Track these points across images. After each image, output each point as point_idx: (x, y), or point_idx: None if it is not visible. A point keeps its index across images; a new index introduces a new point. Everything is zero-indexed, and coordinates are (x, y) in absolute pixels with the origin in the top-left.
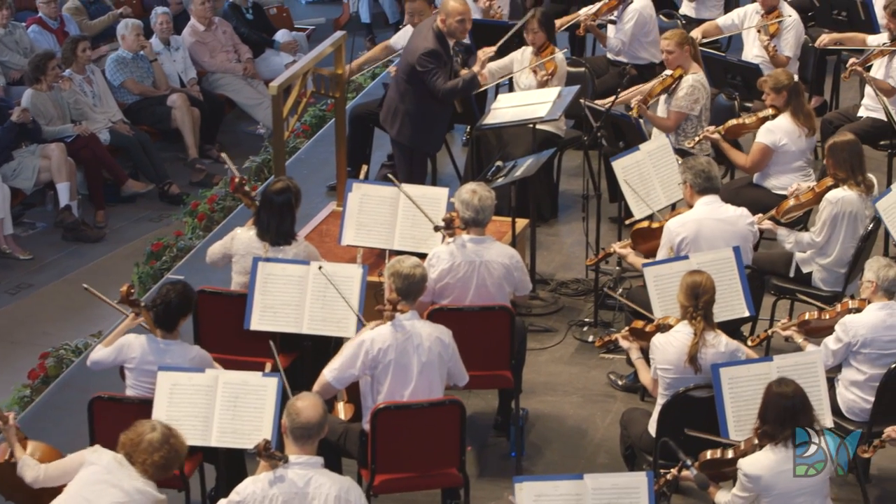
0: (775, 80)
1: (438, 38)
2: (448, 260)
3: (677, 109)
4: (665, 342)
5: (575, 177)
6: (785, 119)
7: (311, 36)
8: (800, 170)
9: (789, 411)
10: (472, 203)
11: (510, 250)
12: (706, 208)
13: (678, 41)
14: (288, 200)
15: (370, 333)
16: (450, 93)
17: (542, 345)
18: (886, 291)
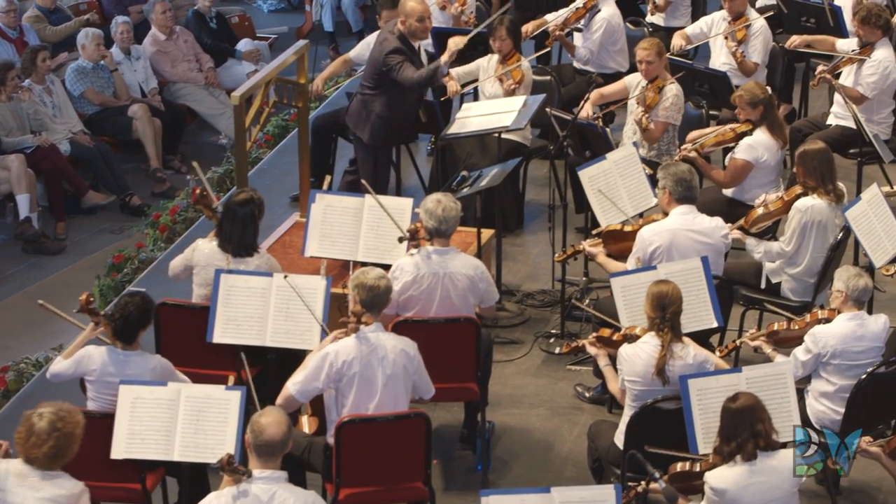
0: (751, 94)
1: (401, 40)
2: (412, 272)
3: (664, 120)
4: (632, 353)
5: (541, 187)
6: (763, 134)
7: (273, 45)
8: (773, 182)
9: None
10: (437, 213)
11: (475, 261)
12: (682, 218)
13: (657, 51)
14: (251, 212)
15: (334, 346)
16: (418, 82)
17: (509, 357)
18: (856, 301)
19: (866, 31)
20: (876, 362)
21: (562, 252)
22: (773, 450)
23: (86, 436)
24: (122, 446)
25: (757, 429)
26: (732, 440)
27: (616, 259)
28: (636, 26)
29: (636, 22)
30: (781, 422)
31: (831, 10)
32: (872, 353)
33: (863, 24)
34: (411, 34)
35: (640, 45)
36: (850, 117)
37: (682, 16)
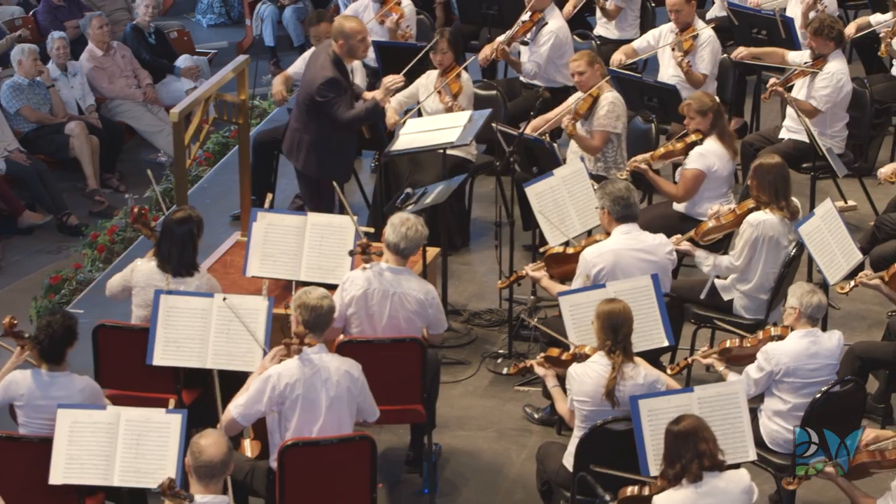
0: (700, 102)
1: (336, 65)
2: (363, 286)
3: (601, 129)
4: (582, 373)
5: (487, 203)
6: (714, 143)
7: (213, 60)
8: (725, 195)
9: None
10: (401, 230)
11: (428, 286)
12: (624, 238)
13: (588, 61)
14: (190, 230)
15: (277, 368)
16: (352, 121)
17: (455, 378)
18: (810, 318)
19: (819, 42)
20: (830, 380)
21: (504, 279)
22: (720, 470)
23: (23, 461)
24: (60, 471)
25: (700, 449)
26: (677, 462)
27: (560, 282)
28: (584, 39)
29: (584, 35)
30: (734, 442)
31: (783, 21)
32: (826, 371)
33: (815, 36)
34: (351, 54)
35: (572, 58)
36: (803, 131)
37: (631, 27)
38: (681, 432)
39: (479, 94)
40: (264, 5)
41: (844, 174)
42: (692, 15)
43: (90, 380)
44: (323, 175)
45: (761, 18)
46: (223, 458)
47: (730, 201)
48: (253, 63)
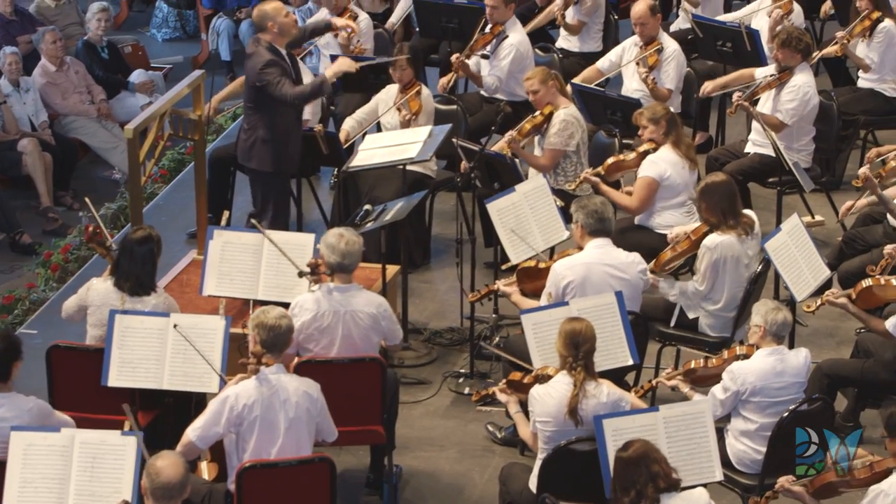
0: (651, 111)
1: (271, 51)
2: (312, 309)
3: (552, 147)
4: (544, 393)
5: (448, 220)
6: (667, 150)
7: (168, 75)
8: (683, 205)
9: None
10: (339, 247)
11: (378, 298)
12: (597, 252)
13: (541, 79)
14: (150, 250)
15: (234, 389)
16: (299, 97)
17: (416, 398)
18: (775, 336)
19: (786, 54)
20: (798, 399)
21: (476, 292)
22: (676, 490)
23: None
24: (14, 496)
25: (654, 471)
26: (631, 488)
27: (531, 298)
28: (545, 52)
29: (545, 48)
30: (701, 462)
31: (748, 33)
32: (794, 390)
33: (783, 48)
34: (284, 33)
35: (525, 76)
36: (769, 145)
37: (593, 40)
38: (632, 458)
39: (440, 108)
40: (220, 19)
41: (811, 189)
42: (657, 28)
43: (37, 399)
44: (276, 167)
45: (726, 31)
46: (180, 479)
47: (690, 212)
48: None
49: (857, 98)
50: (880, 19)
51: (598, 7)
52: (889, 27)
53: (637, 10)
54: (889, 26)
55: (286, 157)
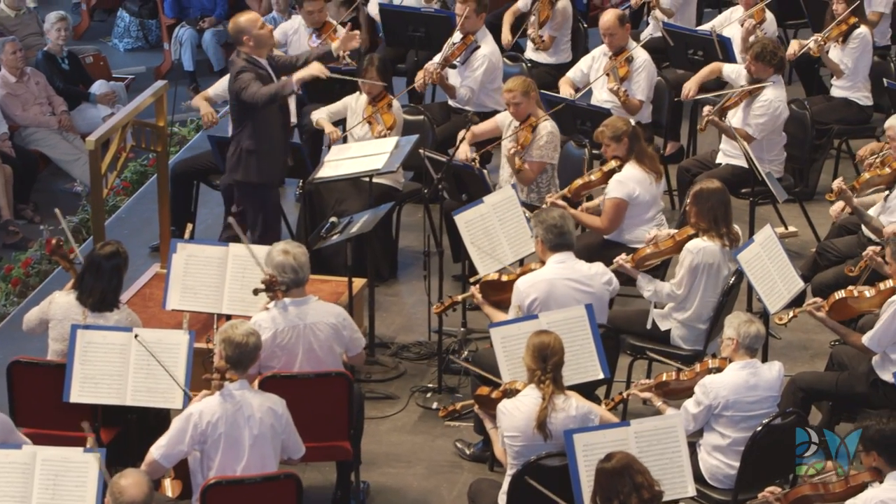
0: (613, 128)
1: (248, 61)
2: (270, 328)
3: (539, 159)
4: (512, 408)
5: (415, 232)
6: (632, 168)
7: (130, 86)
8: (652, 219)
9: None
10: (289, 264)
11: (336, 308)
12: (559, 267)
13: (523, 90)
14: (117, 265)
15: (198, 406)
16: (265, 98)
17: (383, 413)
18: (748, 349)
19: (759, 67)
20: (771, 413)
21: (439, 304)
22: (659, 502)
23: None
24: None
25: (638, 481)
26: (614, 499)
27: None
28: (514, 62)
29: (514, 58)
30: (673, 477)
31: (720, 41)
32: (767, 404)
33: (756, 60)
34: (260, 45)
35: (506, 87)
36: (741, 155)
37: (563, 51)
38: (615, 468)
39: (407, 119)
40: (183, 29)
41: (785, 199)
42: (626, 38)
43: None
44: (262, 178)
45: (697, 39)
46: (144, 498)
47: (661, 223)
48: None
49: (831, 107)
50: (856, 25)
51: (566, 20)
52: (864, 34)
53: (605, 20)
54: (864, 33)
55: (272, 167)
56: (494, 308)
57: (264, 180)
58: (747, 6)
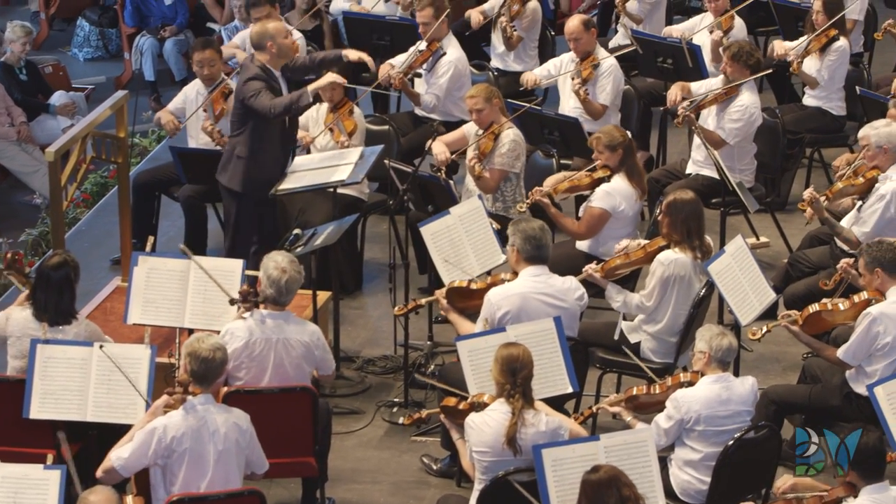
0: (609, 136)
1: (261, 69)
2: (244, 337)
3: (500, 167)
4: (480, 422)
5: (380, 244)
6: (622, 181)
7: (90, 96)
8: (630, 234)
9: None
10: (279, 283)
11: (312, 327)
12: (532, 281)
13: (486, 96)
14: (66, 276)
15: (162, 420)
16: (277, 108)
17: (349, 428)
18: (720, 362)
19: (735, 68)
20: (744, 427)
21: (402, 306)
22: None
23: None
24: None
25: (624, 494)
26: None
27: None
28: (480, 70)
29: (480, 65)
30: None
31: (690, 49)
32: (740, 418)
33: (733, 61)
34: (282, 55)
35: (468, 93)
36: (712, 165)
37: (530, 58)
38: (602, 480)
39: (371, 129)
40: (144, 38)
41: (756, 209)
42: (593, 43)
43: None
44: (244, 188)
45: (667, 46)
46: None
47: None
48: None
49: (804, 116)
50: (836, 37)
51: (536, 22)
52: (844, 46)
53: (570, 25)
54: (844, 45)
55: (257, 179)
56: (461, 317)
57: (245, 190)
58: (717, 13)
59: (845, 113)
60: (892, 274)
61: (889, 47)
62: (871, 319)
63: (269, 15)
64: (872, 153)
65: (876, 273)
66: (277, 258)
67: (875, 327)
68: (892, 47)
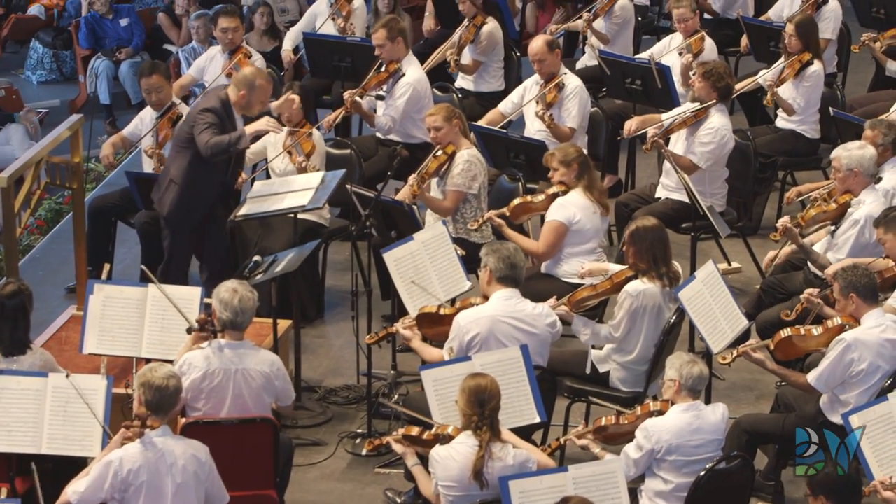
0: (563, 152)
1: (223, 104)
2: (202, 367)
3: (454, 188)
4: (446, 456)
5: (342, 271)
6: (578, 194)
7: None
8: (592, 252)
9: None
10: (232, 304)
11: (272, 357)
12: (503, 304)
13: (445, 115)
14: (21, 304)
15: (118, 452)
16: (214, 147)
17: (310, 460)
18: (691, 391)
19: (704, 87)
20: (716, 456)
21: (373, 334)
22: None
23: None
24: None
25: None
26: None
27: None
28: (444, 92)
29: (444, 87)
30: None
31: (659, 70)
32: (711, 447)
33: (703, 79)
34: (247, 108)
35: (428, 112)
36: (682, 189)
37: (494, 79)
38: None
39: (332, 153)
40: (99, 60)
41: (728, 234)
42: (557, 65)
43: None
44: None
45: (635, 67)
46: None
47: (600, 259)
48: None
49: (777, 139)
50: (810, 62)
51: (495, 45)
52: (818, 71)
53: (534, 46)
54: (818, 70)
55: (189, 206)
56: (424, 344)
57: (174, 217)
58: (686, 33)
59: (819, 136)
60: (867, 299)
61: (863, 66)
62: (844, 346)
63: (237, 28)
64: (843, 175)
65: (850, 298)
66: (227, 283)
67: (849, 354)
68: (865, 66)
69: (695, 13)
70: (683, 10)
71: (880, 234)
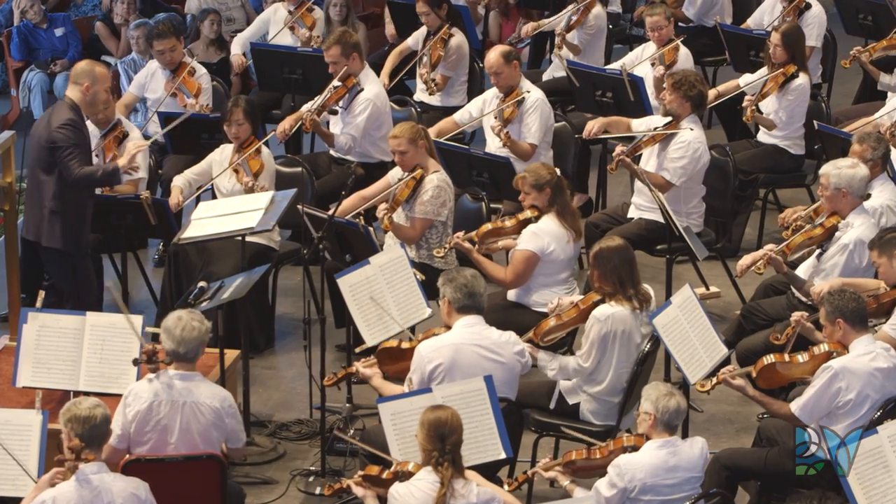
0: (536, 175)
1: (74, 111)
2: (148, 398)
3: (423, 216)
4: (405, 493)
5: (294, 298)
6: (551, 221)
7: None
8: (564, 282)
9: None
10: (175, 333)
11: (224, 393)
12: (466, 331)
13: (410, 137)
14: None
15: (51, 492)
16: (85, 180)
17: (260, 500)
18: (667, 425)
19: (675, 98)
20: (693, 495)
21: (332, 375)
22: None
23: None
24: None
25: None
26: None
27: (394, 382)
28: (402, 106)
29: (402, 101)
30: None
31: (631, 81)
32: (689, 485)
33: (673, 90)
34: (92, 103)
35: (391, 133)
36: (656, 209)
37: (457, 94)
38: None
39: (282, 171)
40: (32, 73)
41: (705, 256)
42: (515, 77)
43: None
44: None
45: (606, 79)
46: None
47: (571, 289)
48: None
49: (758, 155)
50: (795, 74)
51: (462, 58)
52: (803, 84)
53: (490, 58)
54: (803, 83)
55: (81, 229)
56: (385, 383)
57: (71, 248)
58: (660, 42)
59: (804, 151)
60: (855, 325)
61: (849, 77)
62: (831, 374)
63: (174, 48)
64: (830, 194)
65: (837, 324)
66: (175, 312)
67: (836, 383)
68: (851, 77)
69: (669, 21)
70: (657, 17)
71: (874, 258)
